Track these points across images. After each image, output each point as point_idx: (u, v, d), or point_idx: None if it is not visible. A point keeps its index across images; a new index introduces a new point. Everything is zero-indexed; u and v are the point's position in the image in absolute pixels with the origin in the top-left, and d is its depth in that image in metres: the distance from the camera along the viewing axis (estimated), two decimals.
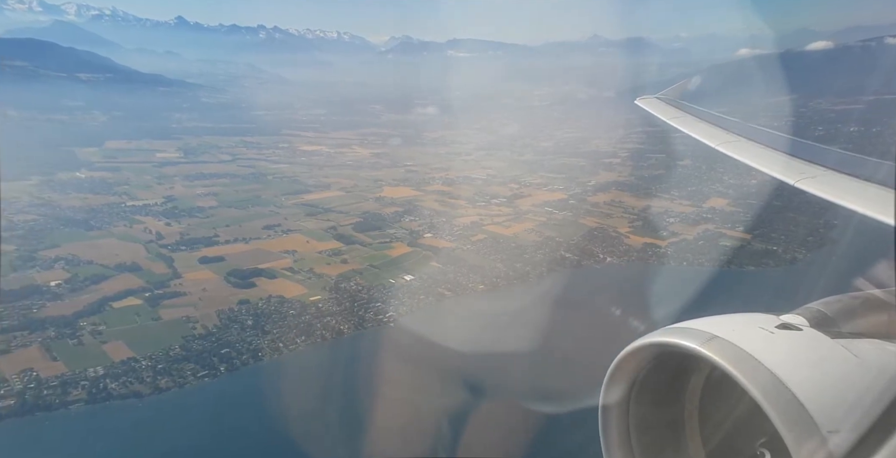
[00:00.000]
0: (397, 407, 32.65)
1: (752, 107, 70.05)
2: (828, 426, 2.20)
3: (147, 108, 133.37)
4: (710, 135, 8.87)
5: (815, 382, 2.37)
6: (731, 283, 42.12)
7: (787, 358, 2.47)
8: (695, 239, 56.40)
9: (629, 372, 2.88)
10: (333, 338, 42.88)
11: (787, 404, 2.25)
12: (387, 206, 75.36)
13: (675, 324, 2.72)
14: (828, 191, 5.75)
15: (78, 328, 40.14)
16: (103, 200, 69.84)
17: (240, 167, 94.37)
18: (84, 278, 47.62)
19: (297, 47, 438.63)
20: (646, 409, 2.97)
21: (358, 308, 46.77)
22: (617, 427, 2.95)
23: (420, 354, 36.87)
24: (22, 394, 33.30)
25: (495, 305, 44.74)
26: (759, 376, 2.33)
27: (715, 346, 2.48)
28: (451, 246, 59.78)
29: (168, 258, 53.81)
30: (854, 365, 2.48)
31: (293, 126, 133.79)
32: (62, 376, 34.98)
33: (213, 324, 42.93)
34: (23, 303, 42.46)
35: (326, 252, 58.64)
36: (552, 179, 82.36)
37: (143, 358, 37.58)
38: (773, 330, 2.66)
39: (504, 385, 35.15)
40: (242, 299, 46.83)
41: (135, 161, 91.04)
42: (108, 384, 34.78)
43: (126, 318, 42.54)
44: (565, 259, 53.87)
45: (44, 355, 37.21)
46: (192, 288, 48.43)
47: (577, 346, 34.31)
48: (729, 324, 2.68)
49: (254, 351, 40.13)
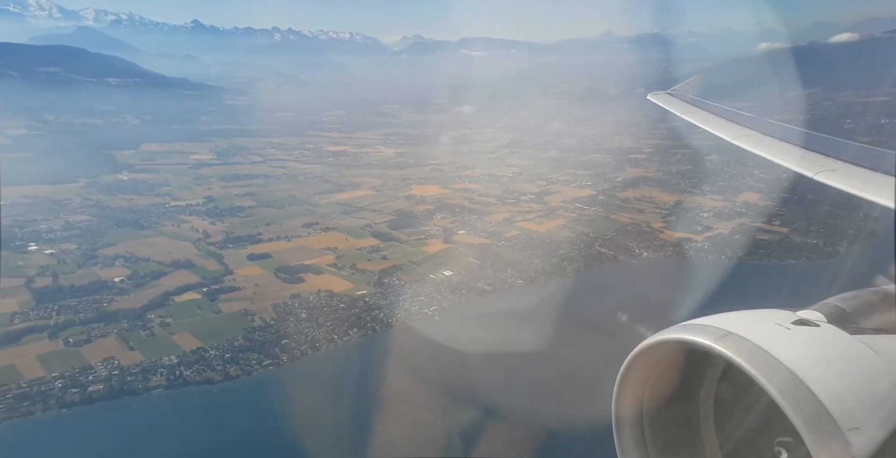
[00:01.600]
0: (453, 397, 34.44)
1: (776, 101, 70.49)
2: (848, 423, 2.15)
3: (175, 111, 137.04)
4: (725, 129, 8.86)
5: (834, 378, 2.32)
6: (772, 277, 42.87)
7: (804, 355, 2.42)
8: (731, 233, 57.08)
9: (643, 370, 2.84)
10: (383, 331, 44.86)
11: (806, 401, 2.20)
12: (417, 204, 77.19)
13: (690, 321, 2.71)
14: (848, 183, 5.67)
15: (147, 321, 42.75)
16: (148, 201, 72.76)
17: (271, 168, 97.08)
18: (144, 274, 50.27)
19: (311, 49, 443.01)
20: (660, 406, 2.92)
21: (403, 302, 48.72)
22: (631, 425, 2.92)
23: (467, 347, 38.14)
24: (108, 380, 35.97)
25: (536, 300, 46.28)
26: (775, 372, 2.29)
27: (730, 342, 2.45)
28: (486, 242, 61.45)
29: (218, 256, 56.32)
30: (873, 361, 2.43)
31: (316, 127, 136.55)
32: (141, 364, 37.58)
33: (269, 317, 45.25)
34: (93, 298, 45.22)
35: (366, 249, 60.75)
36: (579, 176, 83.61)
37: (211, 348, 40.04)
38: (790, 326, 2.62)
39: (549, 380, 36.09)
40: (294, 294, 49.11)
41: (171, 163, 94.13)
42: (183, 372, 37.32)
43: (189, 311, 45.05)
44: (601, 254, 55.28)
45: (121, 345, 39.85)
46: (245, 283, 50.83)
47: (623, 342, 35.59)
48: (744, 320, 2.65)
49: (311, 342, 42.34)
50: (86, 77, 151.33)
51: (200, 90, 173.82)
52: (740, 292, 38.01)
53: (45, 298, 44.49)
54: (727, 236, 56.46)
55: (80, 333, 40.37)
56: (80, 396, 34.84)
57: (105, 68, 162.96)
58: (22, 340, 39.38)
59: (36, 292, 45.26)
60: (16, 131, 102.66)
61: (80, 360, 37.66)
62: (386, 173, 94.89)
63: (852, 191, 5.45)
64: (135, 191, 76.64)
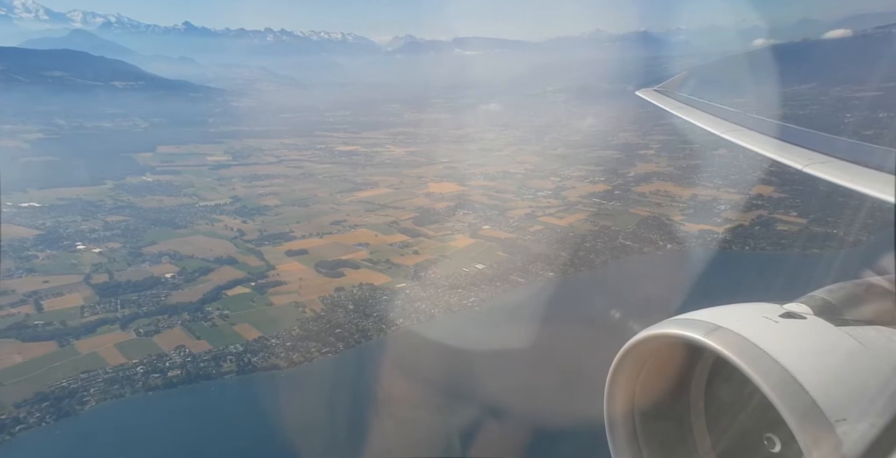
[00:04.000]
0: (508, 385, 36.40)
1: (773, 97, 73.04)
2: (835, 414, 2.18)
3: (183, 113, 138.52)
4: (713, 123, 9.05)
5: (821, 370, 2.34)
6: (798, 266, 44.70)
7: (792, 347, 2.44)
8: (751, 225, 59.43)
9: (634, 365, 2.85)
10: (428, 321, 47.18)
11: (794, 393, 2.22)
12: (437, 201, 79.44)
13: (681, 315, 2.72)
14: (838, 176, 5.72)
15: (206, 313, 45.02)
16: (177, 202, 74.65)
17: (288, 168, 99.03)
18: (192, 270, 52.41)
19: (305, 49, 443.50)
20: (651, 402, 2.94)
21: (443, 295, 51.13)
22: (622, 419, 2.93)
23: (513, 337, 39.43)
24: (184, 366, 38.43)
25: (573, 291, 48.55)
26: (764, 365, 2.31)
27: (719, 336, 2.47)
28: (512, 237, 63.92)
29: (257, 252, 58.51)
30: (860, 353, 2.46)
31: (324, 127, 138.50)
32: (210, 352, 39.98)
33: (319, 308, 47.57)
34: (150, 292, 47.40)
35: (396, 245, 63.06)
36: (591, 172, 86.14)
37: (271, 337, 42.41)
38: (778, 319, 2.64)
39: (592, 367, 38.11)
40: (337, 287, 51.43)
41: (190, 165, 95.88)
42: (250, 359, 39.70)
43: (242, 304, 47.31)
44: (626, 247, 57.90)
45: (188, 334, 42.13)
46: (289, 278, 53.09)
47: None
48: (733, 314, 2.68)
49: (362, 331, 44.72)
50: (91, 81, 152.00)
51: (204, 92, 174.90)
52: (769, 283, 40.23)
53: (107, 293, 46.67)
54: (748, 228, 58.78)
55: (147, 324, 42.77)
56: (161, 380, 37.52)
57: (109, 72, 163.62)
58: (97, 330, 41.82)
59: (97, 288, 47.40)
60: (33, 136, 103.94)
61: (154, 348, 40.10)
62: (401, 172, 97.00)
63: (842, 183, 5.56)
64: (162, 192, 78.44)
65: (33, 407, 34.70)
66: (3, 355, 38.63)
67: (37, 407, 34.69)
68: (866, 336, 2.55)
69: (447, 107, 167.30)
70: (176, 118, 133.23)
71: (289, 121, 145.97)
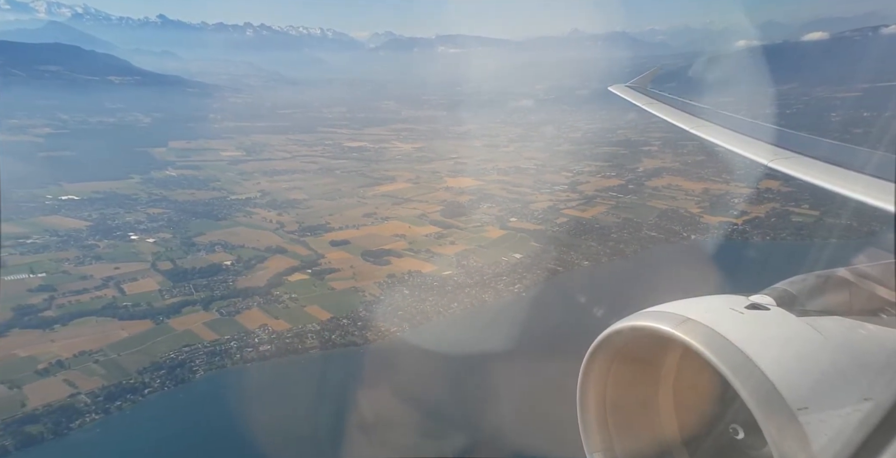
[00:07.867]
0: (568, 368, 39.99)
1: (757, 96, 77.52)
2: (797, 403, 2.26)
3: (183, 109, 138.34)
4: (683, 119, 9.21)
5: (783, 360, 2.43)
6: (820, 255, 48.71)
7: (756, 337, 2.53)
8: (767, 217, 63.26)
9: (606, 358, 2.94)
10: (480, 306, 50.47)
11: (758, 382, 2.31)
12: (459, 194, 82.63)
13: (652, 307, 2.84)
14: (802, 171, 5.87)
15: (276, 296, 47.64)
16: (209, 195, 76.22)
17: (303, 163, 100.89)
18: (248, 258, 54.70)
19: (285, 44, 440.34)
20: (622, 391, 3.02)
21: (489, 281, 54.45)
22: (595, 410, 3.02)
23: (564, 319, 42.02)
24: (272, 342, 41.32)
25: (612, 278, 52.09)
26: (729, 356, 2.40)
27: (688, 328, 2.57)
28: (541, 228, 67.53)
29: (303, 242, 60.97)
30: (819, 343, 2.55)
31: (326, 124, 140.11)
32: (292, 330, 42.85)
33: (377, 293, 50.52)
34: (217, 277, 49.68)
35: (431, 235, 66.13)
36: (601, 167, 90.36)
37: (342, 318, 45.33)
38: (743, 311, 2.74)
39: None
40: (389, 273, 54.46)
41: (207, 160, 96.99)
42: (329, 336, 42.66)
43: (305, 288, 49.94)
44: (652, 238, 61.81)
45: (266, 315, 44.76)
46: (340, 265, 55.81)
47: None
48: (702, 306, 2.78)
49: (423, 314, 47.89)
50: (88, 76, 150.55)
51: (199, 88, 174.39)
52: (794, 269, 44.57)
53: (177, 278, 48.84)
54: (764, 219, 62.69)
55: (226, 305, 45.28)
56: (255, 354, 40.59)
57: (103, 67, 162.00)
58: (182, 311, 44.34)
59: (166, 274, 49.45)
60: (42, 130, 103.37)
61: (239, 327, 42.94)
62: (414, 167, 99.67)
63: (806, 179, 5.72)
64: (190, 186, 79.79)
65: (153, 374, 38.04)
66: (111, 331, 41.35)
67: (156, 374, 38.06)
68: (825, 326, 2.64)
69: (441, 104, 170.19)
70: (177, 114, 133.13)
71: (288, 117, 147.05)
